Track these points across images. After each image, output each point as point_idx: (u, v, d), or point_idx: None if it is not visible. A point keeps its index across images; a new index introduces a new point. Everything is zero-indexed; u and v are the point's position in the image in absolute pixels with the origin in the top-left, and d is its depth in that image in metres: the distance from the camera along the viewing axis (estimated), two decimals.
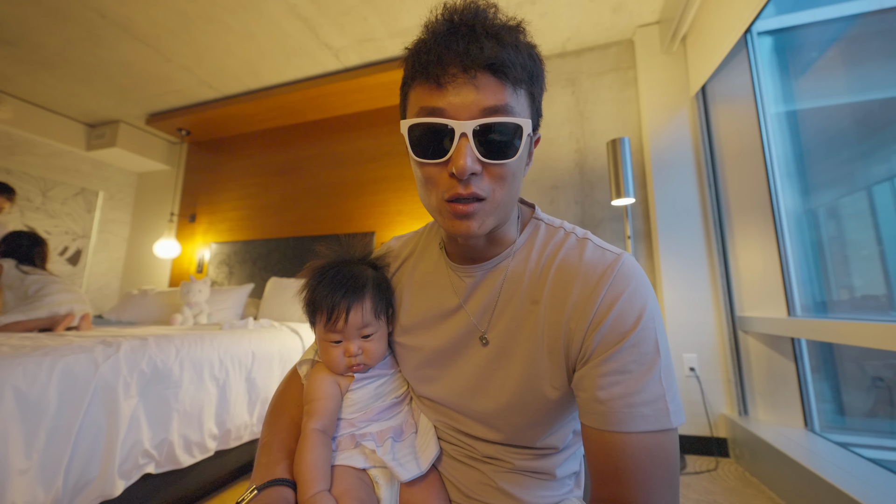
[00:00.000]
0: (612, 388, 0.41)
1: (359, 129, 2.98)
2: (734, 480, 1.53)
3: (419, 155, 0.44)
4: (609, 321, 0.43)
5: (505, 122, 0.42)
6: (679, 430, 1.80)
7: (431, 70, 0.42)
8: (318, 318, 0.56)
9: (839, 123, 1.56)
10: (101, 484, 1.05)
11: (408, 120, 0.44)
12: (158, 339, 1.32)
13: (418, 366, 0.56)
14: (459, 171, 0.41)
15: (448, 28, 0.43)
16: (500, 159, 0.43)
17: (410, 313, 0.58)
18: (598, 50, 2.36)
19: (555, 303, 0.47)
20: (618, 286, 0.44)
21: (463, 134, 0.41)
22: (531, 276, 0.49)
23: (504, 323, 0.50)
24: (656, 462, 0.39)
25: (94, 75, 2.67)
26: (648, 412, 0.40)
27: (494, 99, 0.42)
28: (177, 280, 3.36)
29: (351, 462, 0.52)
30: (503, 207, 0.46)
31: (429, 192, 0.46)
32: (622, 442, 0.39)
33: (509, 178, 0.45)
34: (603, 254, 0.47)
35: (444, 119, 0.42)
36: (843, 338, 1.21)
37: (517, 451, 0.51)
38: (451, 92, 0.42)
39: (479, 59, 0.41)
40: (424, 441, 0.55)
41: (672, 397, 0.41)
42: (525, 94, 0.45)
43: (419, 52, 0.44)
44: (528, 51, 0.45)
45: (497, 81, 0.42)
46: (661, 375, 0.41)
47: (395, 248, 0.66)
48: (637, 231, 2.11)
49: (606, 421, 0.41)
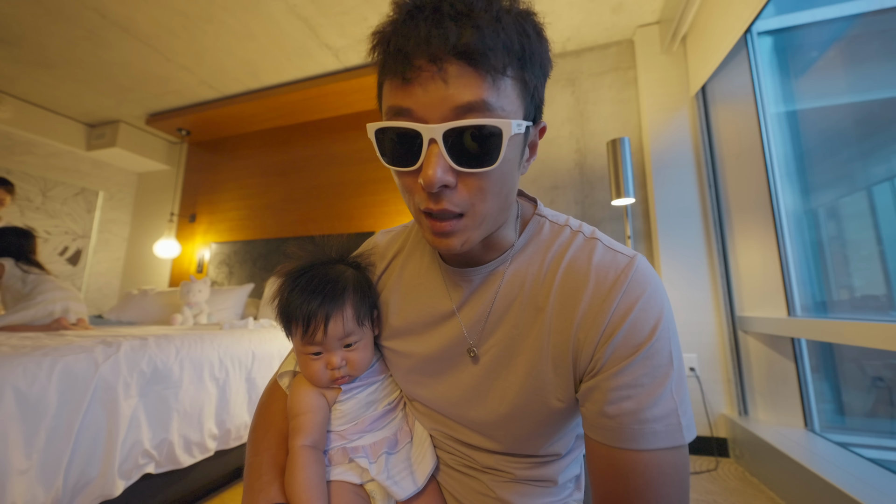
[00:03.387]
0: (622, 402, 0.38)
1: (359, 129, 2.98)
2: (734, 480, 1.53)
3: (389, 161, 0.39)
4: (622, 332, 0.39)
5: (481, 125, 0.34)
6: None
7: (396, 62, 0.35)
8: (294, 329, 0.49)
9: (839, 123, 1.56)
10: (101, 484, 1.05)
11: (372, 123, 0.38)
12: (158, 339, 1.32)
13: (409, 371, 0.53)
14: (428, 183, 0.35)
15: (410, 8, 0.36)
16: (477, 167, 0.36)
17: (400, 317, 0.53)
18: (598, 50, 2.36)
19: (562, 310, 0.42)
20: (632, 294, 0.40)
21: (432, 140, 0.35)
22: (534, 280, 0.45)
23: (502, 332, 0.46)
24: (668, 480, 0.37)
25: (94, 75, 2.67)
26: (660, 428, 0.37)
27: (468, 94, 0.34)
28: (177, 280, 3.35)
29: (346, 477, 0.49)
30: (490, 220, 0.41)
31: (407, 201, 0.41)
32: (632, 460, 0.37)
33: (492, 188, 0.38)
34: (615, 256, 0.43)
35: (409, 123, 0.36)
36: (843, 338, 1.21)
37: (518, 461, 0.48)
38: (416, 88, 0.35)
39: (444, 45, 0.33)
40: (420, 451, 0.52)
41: (684, 411, 0.38)
42: (513, 83, 0.36)
43: (384, 38, 0.37)
44: (516, 26, 0.36)
45: (472, 71, 0.34)
46: (673, 389, 0.38)
47: (381, 245, 0.60)
48: (637, 231, 2.11)
49: (615, 437, 0.38)
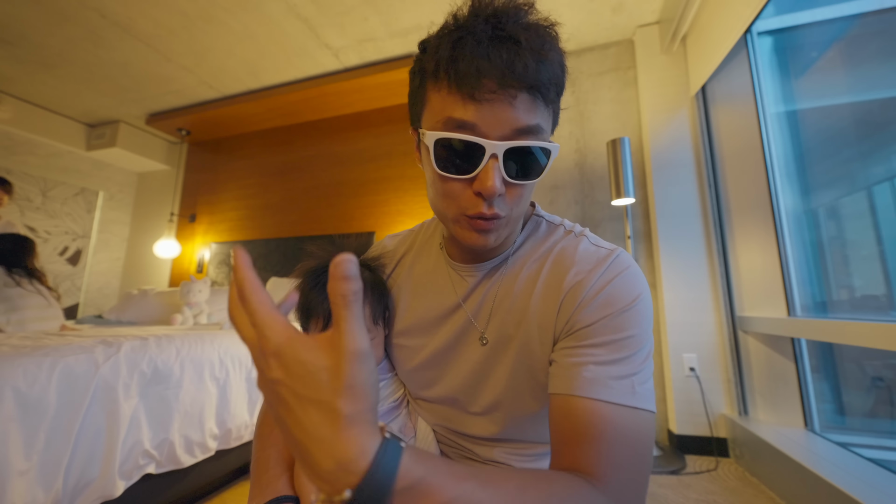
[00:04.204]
0: (584, 357, 0.41)
1: (359, 129, 2.98)
2: (734, 480, 1.53)
3: (442, 168, 0.42)
4: (600, 298, 0.43)
5: (539, 146, 0.41)
6: (679, 431, 1.82)
7: (466, 80, 0.38)
8: (313, 325, 0.53)
9: (839, 123, 1.56)
10: (102, 484, 1.05)
11: (436, 132, 0.41)
12: (159, 340, 1.32)
13: (416, 367, 0.55)
14: (488, 193, 0.40)
15: (489, 34, 0.39)
16: (524, 180, 0.42)
17: (409, 314, 0.57)
18: (598, 50, 2.36)
19: (548, 291, 0.47)
20: (613, 270, 0.44)
21: (493, 154, 0.40)
22: (528, 271, 0.50)
23: (500, 318, 0.50)
24: (622, 437, 0.37)
25: (94, 75, 2.67)
26: (615, 385, 0.39)
27: (528, 119, 0.40)
28: (177, 280, 3.35)
29: None
30: (517, 221, 0.47)
31: (447, 204, 0.44)
32: (587, 408, 0.38)
33: (527, 195, 0.45)
34: (598, 248, 0.48)
35: (475, 137, 0.39)
36: (843, 338, 1.21)
37: (517, 454, 0.50)
38: (485, 108, 0.39)
39: (523, 78, 0.38)
40: (423, 447, 0.54)
41: (641, 381, 0.40)
42: (553, 111, 0.44)
43: (454, 54, 0.39)
44: (560, 64, 0.42)
45: (532, 100, 0.40)
46: (636, 360, 0.40)
47: (390, 248, 0.64)
48: (637, 231, 2.11)
49: (571, 385, 0.40)
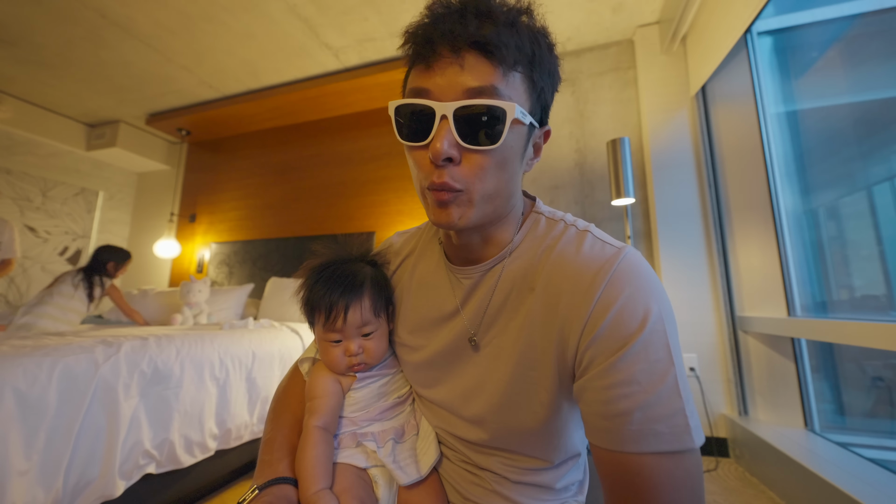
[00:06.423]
0: (618, 402, 0.36)
1: (359, 129, 2.98)
2: (734, 480, 1.53)
3: (403, 136, 0.43)
4: (606, 326, 0.38)
5: (488, 105, 0.39)
6: None
7: (422, 50, 0.41)
8: (317, 317, 0.55)
9: (839, 123, 1.56)
10: (102, 484, 1.05)
11: (394, 101, 0.43)
12: (159, 340, 1.32)
13: (419, 367, 0.55)
14: (434, 154, 0.39)
15: (439, 8, 0.42)
16: (479, 145, 0.40)
17: (412, 313, 0.57)
18: (598, 50, 2.36)
19: (547, 299, 0.43)
20: (616, 286, 0.39)
21: (443, 116, 0.39)
22: (527, 272, 0.47)
23: (500, 324, 0.48)
24: (679, 486, 0.34)
25: (94, 75, 2.67)
26: (664, 430, 0.35)
27: (480, 80, 0.39)
28: (177, 280, 3.35)
29: (352, 461, 0.52)
30: (486, 202, 0.43)
31: (416, 179, 0.45)
32: (638, 464, 0.35)
33: (491, 168, 0.41)
34: (603, 248, 0.43)
35: (424, 100, 0.40)
36: (843, 338, 1.21)
37: (512, 466, 0.49)
38: (437, 72, 0.40)
39: (464, 36, 0.39)
40: (425, 444, 0.55)
41: (691, 412, 0.36)
42: (522, 79, 0.41)
43: (417, 31, 0.42)
44: (530, 33, 0.41)
45: (486, 62, 0.39)
46: (675, 386, 0.36)
47: (396, 245, 0.64)
48: (637, 231, 2.11)
49: (616, 440, 0.36)
